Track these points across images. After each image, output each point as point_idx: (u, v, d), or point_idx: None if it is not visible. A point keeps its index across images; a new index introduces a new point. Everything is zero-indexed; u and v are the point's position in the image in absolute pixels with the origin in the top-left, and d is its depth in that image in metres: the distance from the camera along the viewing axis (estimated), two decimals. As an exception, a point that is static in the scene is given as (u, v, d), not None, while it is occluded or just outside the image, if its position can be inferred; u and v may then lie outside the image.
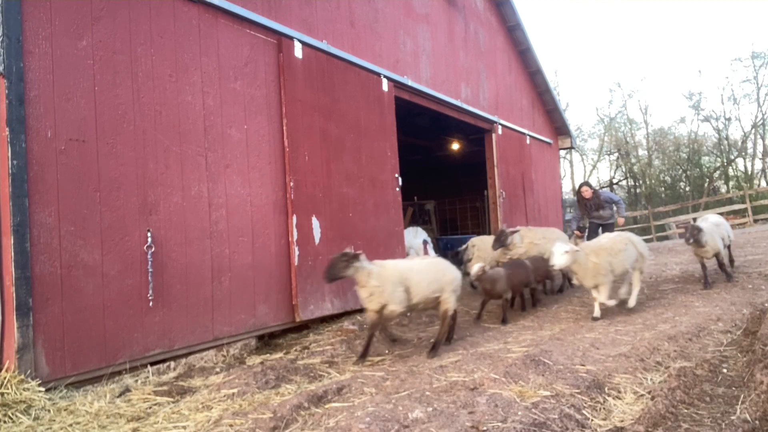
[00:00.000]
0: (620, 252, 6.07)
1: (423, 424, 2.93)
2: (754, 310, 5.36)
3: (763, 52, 33.00)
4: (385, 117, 7.96)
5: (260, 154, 5.90)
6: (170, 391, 4.13)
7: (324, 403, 3.56)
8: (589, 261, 5.88)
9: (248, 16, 5.82)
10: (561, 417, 2.95)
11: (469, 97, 10.57)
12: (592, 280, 5.96)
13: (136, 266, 4.60)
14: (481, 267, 6.21)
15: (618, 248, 6.09)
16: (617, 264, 6.03)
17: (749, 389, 3.27)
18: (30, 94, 4.02)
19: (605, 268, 5.91)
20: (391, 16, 8.39)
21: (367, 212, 7.39)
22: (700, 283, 7.58)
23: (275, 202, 6.02)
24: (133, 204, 4.66)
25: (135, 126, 4.73)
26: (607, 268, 5.92)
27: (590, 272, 5.91)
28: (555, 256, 5.72)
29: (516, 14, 12.26)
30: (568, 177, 35.53)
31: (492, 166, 11.46)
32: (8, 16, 3.91)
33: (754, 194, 23.36)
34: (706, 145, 35.10)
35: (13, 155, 3.88)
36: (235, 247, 5.51)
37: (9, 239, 3.85)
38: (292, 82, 6.30)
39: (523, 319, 6.56)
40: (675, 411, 3.09)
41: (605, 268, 5.91)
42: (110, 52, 4.58)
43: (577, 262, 5.84)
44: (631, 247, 6.29)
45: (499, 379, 3.60)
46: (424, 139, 14.26)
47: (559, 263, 5.71)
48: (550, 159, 14.59)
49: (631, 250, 6.24)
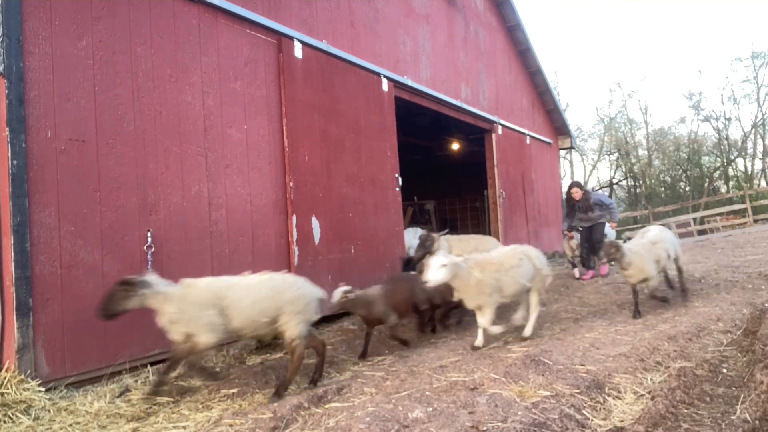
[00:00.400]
0: (512, 268, 5.12)
1: (423, 424, 2.93)
2: (754, 310, 5.35)
3: (763, 52, 33.00)
4: (385, 117, 7.96)
5: (260, 154, 5.90)
6: (170, 390, 4.13)
7: (324, 403, 3.55)
8: (472, 276, 4.87)
9: (248, 16, 5.82)
10: (561, 417, 2.95)
11: (469, 97, 10.57)
12: (474, 300, 4.95)
13: (136, 266, 4.60)
14: (345, 291, 4.90)
15: (510, 263, 5.15)
16: (508, 282, 5.06)
17: (749, 389, 3.26)
18: (30, 94, 4.02)
19: (490, 286, 4.92)
20: (391, 16, 8.39)
21: (367, 212, 7.39)
22: (700, 283, 7.56)
23: (275, 202, 6.02)
24: (133, 204, 4.66)
25: (135, 126, 4.73)
26: (492, 285, 4.93)
27: (473, 290, 4.90)
28: (430, 271, 4.67)
29: (516, 14, 12.26)
30: (568, 177, 35.54)
31: (492, 166, 11.46)
32: (8, 16, 3.91)
33: (754, 194, 23.37)
34: (706, 145, 35.11)
35: (13, 155, 3.88)
36: (235, 247, 5.51)
37: (9, 239, 3.85)
38: (292, 82, 6.30)
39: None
40: (675, 411, 3.08)
41: (490, 285, 4.92)
42: (110, 52, 4.58)
43: (458, 278, 4.81)
44: (527, 262, 5.29)
45: (499, 379, 3.60)
46: (424, 139, 14.25)
47: (435, 279, 4.63)
48: (550, 159, 14.59)
49: (526, 267, 5.25)
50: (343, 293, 4.86)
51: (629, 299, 6.94)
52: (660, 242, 6.30)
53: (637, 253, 5.92)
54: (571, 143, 15.51)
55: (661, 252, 6.20)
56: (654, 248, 6.17)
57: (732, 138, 34.26)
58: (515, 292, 5.24)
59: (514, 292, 5.21)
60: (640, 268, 5.89)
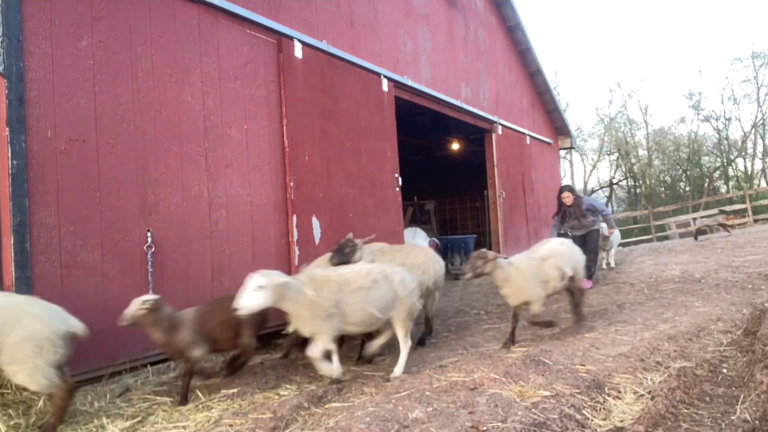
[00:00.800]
0: (360, 290, 4.06)
1: (423, 424, 2.93)
2: (754, 310, 5.36)
3: (763, 52, 33.03)
4: (385, 117, 7.96)
5: (260, 154, 5.90)
6: (170, 391, 4.13)
7: (324, 403, 3.55)
8: (304, 296, 3.84)
9: (248, 16, 5.82)
10: (561, 417, 2.95)
11: (469, 97, 10.56)
12: (308, 326, 3.94)
13: (136, 266, 4.60)
14: (146, 301, 3.77)
15: (358, 284, 4.08)
16: (352, 306, 4.01)
17: (749, 389, 3.26)
18: (30, 94, 4.02)
19: (325, 310, 3.88)
20: (391, 16, 8.39)
21: (368, 212, 7.39)
22: (700, 283, 7.56)
23: (275, 202, 6.02)
24: (133, 204, 4.66)
25: (135, 126, 4.73)
26: (328, 309, 3.89)
27: (306, 313, 3.88)
28: (243, 294, 3.61)
29: (516, 14, 12.26)
30: (568, 177, 35.56)
31: (492, 166, 11.46)
32: (8, 16, 3.91)
33: (754, 194, 23.36)
34: (706, 145, 35.13)
35: (13, 155, 3.88)
36: (235, 247, 5.51)
37: (9, 239, 3.85)
38: (292, 82, 6.30)
39: (523, 319, 6.55)
40: (675, 411, 3.08)
41: (325, 309, 3.88)
42: (110, 52, 4.58)
43: (288, 300, 3.77)
44: (384, 286, 4.19)
45: (499, 379, 3.60)
46: (424, 139, 14.25)
47: (248, 305, 3.57)
48: (550, 159, 14.59)
49: (381, 291, 4.15)
50: (141, 304, 3.73)
51: (629, 299, 6.95)
52: (553, 258, 5.15)
53: (518, 269, 4.86)
54: (571, 143, 15.51)
55: (551, 271, 5.06)
56: (543, 265, 5.07)
57: (732, 138, 34.31)
58: (364, 321, 4.12)
59: (362, 321, 4.10)
60: (520, 288, 4.85)
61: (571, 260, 5.37)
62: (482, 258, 4.72)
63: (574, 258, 5.47)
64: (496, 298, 8.22)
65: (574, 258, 5.45)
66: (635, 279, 8.51)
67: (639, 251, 12.98)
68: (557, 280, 5.10)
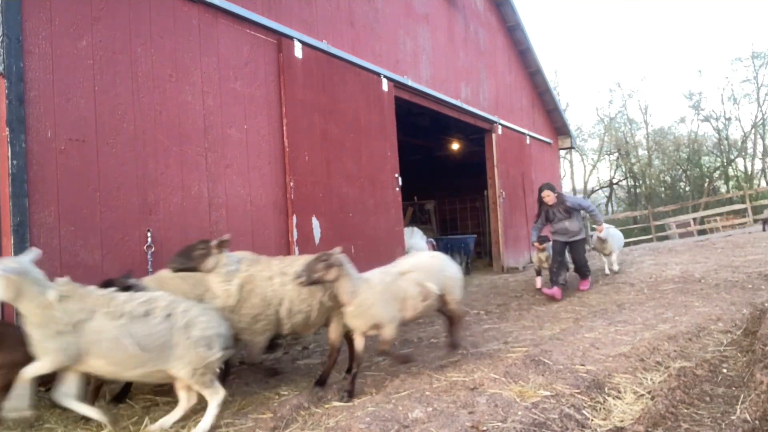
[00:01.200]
0: (121, 317, 3.05)
1: (423, 424, 2.93)
2: (754, 310, 5.36)
3: (763, 52, 33.02)
4: (385, 117, 7.96)
5: (260, 154, 5.90)
6: (170, 390, 4.13)
7: (324, 403, 3.55)
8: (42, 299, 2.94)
9: (248, 16, 5.82)
10: (561, 417, 2.95)
11: (469, 97, 10.57)
12: (34, 339, 2.98)
13: (136, 266, 4.60)
14: None
15: (123, 309, 3.08)
16: (102, 334, 3.00)
17: (749, 389, 3.26)
18: (30, 94, 4.02)
19: (56, 325, 2.94)
20: (391, 16, 8.39)
21: (368, 212, 7.39)
22: (700, 283, 7.56)
23: (275, 202, 6.02)
24: (133, 204, 4.66)
25: (135, 126, 4.73)
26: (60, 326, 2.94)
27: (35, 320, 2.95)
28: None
29: (516, 14, 12.26)
30: (568, 177, 35.58)
31: (492, 166, 11.47)
32: (8, 16, 3.91)
33: (754, 194, 23.36)
34: (706, 145, 35.12)
35: (13, 155, 3.88)
36: (235, 247, 5.49)
37: (9, 239, 3.85)
38: (292, 82, 6.30)
39: (523, 319, 6.56)
40: (675, 411, 3.08)
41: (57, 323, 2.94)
42: (110, 52, 4.58)
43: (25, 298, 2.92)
44: (162, 323, 3.11)
45: (499, 379, 3.60)
46: (424, 139, 14.25)
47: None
48: (550, 159, 14.59)
49: (156, 328, 3.08)
50: None
51: (629, 299, 6.95)
52: (415, 272, 4.14)
53: (368, 283, 3.81)
54: (571, 143, 15.51)
55: (410, 288, 4.03)
56: (400, 281, 4.02)
57: (732, 138, 34.31)
58: (121, 361, 3.04)
59: (118, 359, 3.03)
60: (368, 307, 3.74)
61: (438, 275, 4.28)
62: (324, 261, 3.64)
63: (445, 273, 4.36)
64: (496, 298, 8.23)
65: (444, 273, 4.35)
66: (635, 279, 8.51)
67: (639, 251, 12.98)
68: (418, 299, 4.05)
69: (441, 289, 4.27)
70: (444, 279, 4.34)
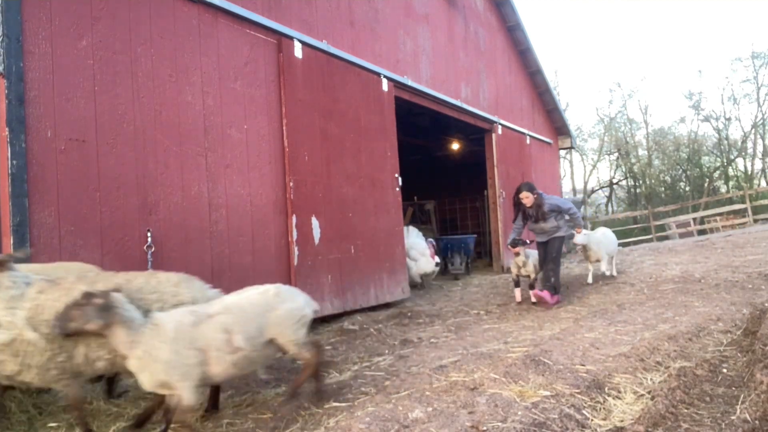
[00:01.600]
0: None
1: (423, 424, 2.93)
2: (754, 310, 5.35)
3: (763, 52, 32.97)
4: (385, 117, 7.96)
5: (260, 154, 5.90)
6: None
7: (324, 403, 3.55)
8: None
9: (248, 16, 5.82)
10: (561, 417, 2.95)
11: (469, 97, 10.57)
12: None
13: (136, 266, 4.60)
14: None
15: None
16: None
17: (749, 389, 3.26)
18: (30, 94, 4.02)
19: None
20: (391, 16, 8.40)
21: (367, 212, 7.39)
22: (700, 283, 7.56)
23: (275, 202, 6.02)
24: (133, 204, 4.66)
25: (135, 126, 4.73)
26: None
27: None
28: None
29: (516, 14, 12.27)
30: (568, 177, 35.57)
31: (492, 166, 11.47)
32: (8, 16, 3.91)
33: (754, 194, 23.35)
34: (706, 145, 35.10)
35: (13, 155, 3.89)
36: (235, 247, 5.51)
37: (9, 239, 3.85)
38: (292, 82, 6.30)
39: (523, 319, 6.55)
40: (675, 411, 3.08)
41: None
42: (110, 52, 4.58)
43: None
44: None
45: (499, 379, 3.60)
46: (424, 139, 14.26)
47: None
48: (550, 159, 14.59)
49: None
50: None
51: (629, 299, 6.96)
52: (226, 315, 3.14)
53: (155, 331, 2.88)
54: (571, 143, 15.52)
55: (215, 336, 3.04)
56: (203, 326, 3.04)
57: (732, 138, 34.28)
58: None
59: None
60: (150, 362, 2.86)
61: (260, 319, 3.27)
62: (86, 305, 2.74)
63: (274, 313, 3.33)
64: (496, 298, 8.23)
65: (272, 313, 3.32)
66: (635, 279, 8.51)
67: (639, 251, 12.98)
68: (225, 351, 3.05)
69: (268, 334, 3.30)
70: (272, 320, 3.31)
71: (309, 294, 6.14)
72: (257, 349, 3.24)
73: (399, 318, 6.81)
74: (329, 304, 6.50)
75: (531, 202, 7.17)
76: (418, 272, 9.65)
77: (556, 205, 7.29)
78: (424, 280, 9.88)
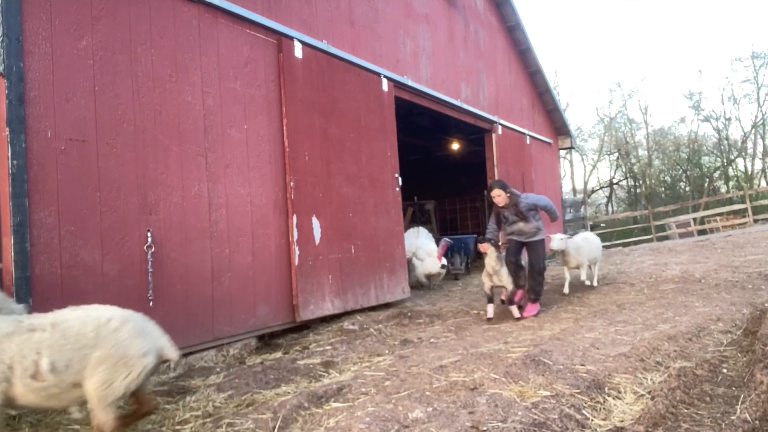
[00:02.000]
0: None
1: (423, 424, 2.93)
2: (754, 310, 5.36)
3: (763, 52, 33.04)
4: (385, 117, 7.96)
5: (260, 154, 5.90)
6: (170, 391, 4.13)
7: (324, 403, 3.55)
8: None
9: (248, 16, 5.82)
10: (561, 417, 2.95)
11: (469, 97, 10.57)
12: None
13: (136, 266, 4.60)
14: None
15: None
16: None
17: (749, 389, 3.26)
18: (30, 94, 4.02)
19: None
20: (391, 16, 8.40)
21: (368, 212, 7.39)
22: (700, 283, 7.56)
23: (275, 202, 6.02)
24: (133, 204, 4.66)
25: (135, 126, 4.73)
26: None
27: None
28: None
29: (516, 14, 12.27)
30: (568, 177, 35.58)
31: (492, 166, 11.46)
32: (8, 16, 3.91)
33: (754, 194, 23.35)
34: (706, 145, 35.11)
35: (13, 155, 3.88)
36: (235, 247, 5.51)
37: (9, 239, 3.85)
38: (292, 82, 6.30)
39: (523, 319, 6.55)
40: (675, 411, 3.08)
41: None
42: (110, 52, 4.58)
43: None
44: None
45: (499, 379, 3.60)
46: (424, 139, 14.26)
47: None
48: (550, 159, 14.59)
49: None
50: None
51: (629, 299, 6.96)
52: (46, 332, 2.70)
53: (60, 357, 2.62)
54: (571, 143, 15.51)
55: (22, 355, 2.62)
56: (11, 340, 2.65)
57: (732, 138, 34.30)
58: None
59: None
60: None
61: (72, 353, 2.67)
62: None
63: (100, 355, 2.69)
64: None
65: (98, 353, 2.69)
66: (635, 279, 8.51)
67: (639, 251, 12.98)
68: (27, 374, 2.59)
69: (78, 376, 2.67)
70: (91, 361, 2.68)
71: (310, 294, 6.20)
72: (61, 388, 2.64)
73: (399, 318, 6.81)
74: (330, 304, 6.50)
75: (504, 202, 6.55)
76: (424, 272, 9.64)
77: (533, 204, 6.67)
78: (430, 281, 9.87)
